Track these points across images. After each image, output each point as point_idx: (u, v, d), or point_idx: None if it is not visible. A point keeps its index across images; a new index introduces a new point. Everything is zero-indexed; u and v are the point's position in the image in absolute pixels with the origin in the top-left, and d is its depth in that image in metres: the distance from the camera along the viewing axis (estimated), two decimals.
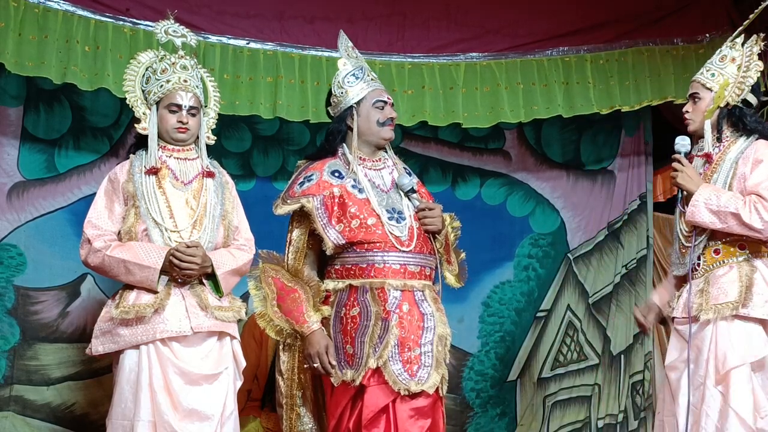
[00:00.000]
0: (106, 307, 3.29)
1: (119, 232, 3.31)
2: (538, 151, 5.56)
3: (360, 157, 3.42)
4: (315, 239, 3.38)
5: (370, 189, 3.36)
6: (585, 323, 5.46)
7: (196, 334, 3.21)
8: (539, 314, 5.46)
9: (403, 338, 3.22)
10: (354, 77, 3.46)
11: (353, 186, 3.36)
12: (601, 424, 5.38)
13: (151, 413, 3.11)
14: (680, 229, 3.39)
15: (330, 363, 3.25)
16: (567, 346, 5.46)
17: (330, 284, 3.36)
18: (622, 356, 5.40)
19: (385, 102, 3.43)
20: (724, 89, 3.36)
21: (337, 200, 3.33)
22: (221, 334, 3.28)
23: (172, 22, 3.49)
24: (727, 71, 3.41)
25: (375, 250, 3.29)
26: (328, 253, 3.34)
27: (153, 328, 3.16)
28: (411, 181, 3.41)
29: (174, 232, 3.27)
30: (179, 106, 3.35)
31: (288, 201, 3.41)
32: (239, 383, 3.38)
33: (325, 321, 3.33)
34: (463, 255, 3.55)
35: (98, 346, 3.26)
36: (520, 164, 5.52)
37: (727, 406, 3.16)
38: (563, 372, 5.43)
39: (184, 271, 3.20)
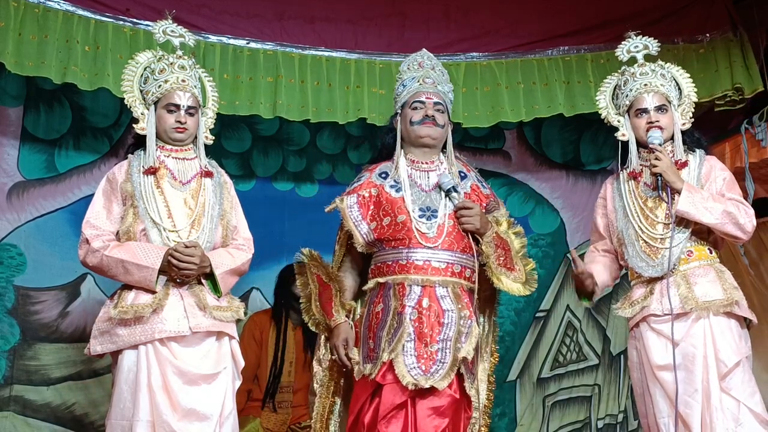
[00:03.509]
0: (104, 307, 3.28)
1: (117, 232, 3.31)
2: (538, 151, 5.56)
3: (411, 159, 3.50)
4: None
5: (408, 188, 3.43)
6: (584, 323, 5.46)
7: (194, 334, 3.20)
8: (539, 314, 5.46)
9: (421, 333, 3.26)
10: (403, 86, 3.57)
11: (391, 186, 3.45)
12: (601, 424, 5.38)
13: (149, 413, 3.10)
14: (643, 227, 3.40)
15: (347, 355, 3.35)
16: (566, 346, 5.46)
17: (368, 285, 3.46)
18: (622, 356, 5.40)
19: (423, 102, 3.48)
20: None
21: (374, 199, 3.45)
22: (220, 334, 3.27)
23: (170, 21, 3.49)
24: (673, 91, 3.52)
25: (401, 247, 3.36)
26: (359, 249, 3.44)
27: (151, 328, 3.15)
28: (452, 180, 3.43)
29: (172, 231, 3.26)
30: (177, 106, 3.35)
31: (334, 200, 3.53)
32: (238, 383, 3.37)
33: (361, 319, 3.44)
34: (532, 264, 3.51)
35: (97, 346, 3.25)
36: (520, 164, 5.52)
37: (738, 402, 3.20)
38: (563, 372, 5.43)
39: (182, 271, 3.20)
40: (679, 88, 3.56)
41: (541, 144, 5.55)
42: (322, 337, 3.53)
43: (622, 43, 3.63)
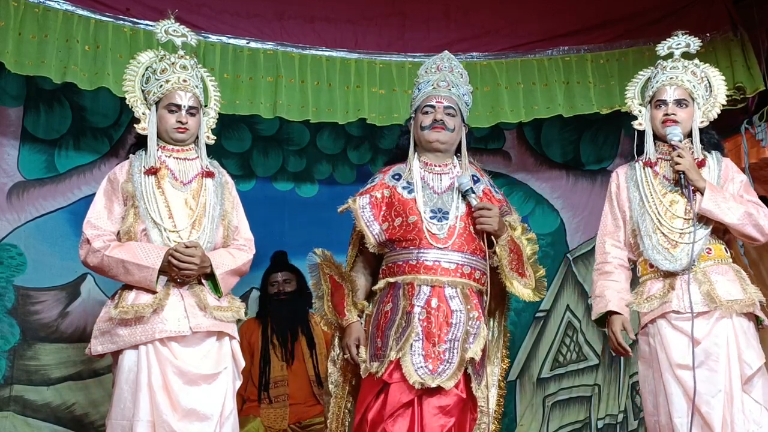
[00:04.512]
0: (105, 308, 3.28)
1: (118, 232, 3.30)
2: (538, 151, 5.56)
3: (424, 162, 3.51)
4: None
5: (420, 189, 3.44)
6: (584, 323, 5.45)
7: (195, 334, 3.19)
8: (538, 314, 5.46)
9: (429, 333, 3.27)
10: (418, 90, 3.56)
11: (404, 187, 3.46)
12: (601, 424, 5.37)
13: (149, 413, 3.10)
14: (662, 220, 3.39)
15: (358, 354, 3.37)
16: (566, 346, 5.46)
17: (378, 285, 3.47)
18: (622, 356, 5.38)
19: (433, 106, 3.47)
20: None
21: (386, 200, 3.46)
22: (220, 334, 3.27)
23: (173, 21, 3.48)
24: (701, 89, 3.50)
25: (411, 247, 3.38)
26: (370, 249, 3.46)
27: (152, 328, 3.15)
28: (470, 182, 3.43)
29: (173, 232, 3.26)
30: (178, 106, 3.34)
31: (347, 201, 3.54)
32: (239, 383, 3.37)
33: (369, 318, 3.45)
34: (542, 272, 3.51)
35: (97, 346, 3.25)
36: (520, 164, 5.53)
37: (761, 407, 3.20)
38: (563, 372, 5.42)
39: (182, 271, 3.19)
40: (710, 90, 3.53)
41: (541, 144, 5.55)
42: (336, 337, 3.56)
43: (667, 39, 3.61)
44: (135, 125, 3.40)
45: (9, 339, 4.58)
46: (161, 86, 3.34)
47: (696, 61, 3.55)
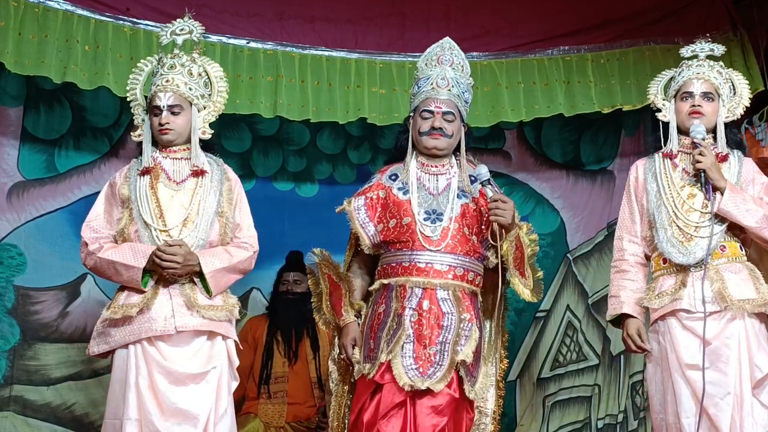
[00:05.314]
0: (104, 309, 3.30)
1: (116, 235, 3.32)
2: (538, 151, 5.56)
3: (422, 162, 3.50)
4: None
5: (416, 190, 3.43)
6: (584, 323, 5.45)
7: (183, 334, 3.19)
8: (539, 314, 5.45)
9: (420, 335, 3.27)
10: (417, 87, 3.53)
11: (399, 188, 3.46)
12: (601, 424, 5.37)
13: (137, 412, 3.11)
14: (678, 213, 3.37)
15: (353, 354, 3.37)
16: (566, 346, 5.45)
17: (373, 286, 3.48)
18: (622, 356, 5.38)
19: (432, 112, 3.44)
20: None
21: (381, 201, 3.46)
22: (212, 334, 3.25)
23: (185, 20, 3.47)
24: (725, 88, 3.52)
25: (404, 249, 3.38)
26: (366, 251, 3.47)
27: (139, 328, 3.16)
28: (488, 173, 3.41)
29: (163, 231, 3.25)
30: (159, 108, 3.32)
31: (344, 202, 3.53)
32: (235, 383, 3.34)
33: (365, 319, 3.46)
34: (540, 274, 3.48)
35: (94, 346, 3.28)
36: (520, 164, 5.52)
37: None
38: (563, 372, 5.42)
39: (166, 270, 3.19)
40: (734, 90, 3.56)
41: (541, 144, 5.55)
42: (336, 336, 3.57)
43: (691, 43, 3.65)
44: (131, 132, 3.41)
45: (9, 339, 4.59)
46: (150, 90, 3.36)
47: (721, 63, 3.58)
